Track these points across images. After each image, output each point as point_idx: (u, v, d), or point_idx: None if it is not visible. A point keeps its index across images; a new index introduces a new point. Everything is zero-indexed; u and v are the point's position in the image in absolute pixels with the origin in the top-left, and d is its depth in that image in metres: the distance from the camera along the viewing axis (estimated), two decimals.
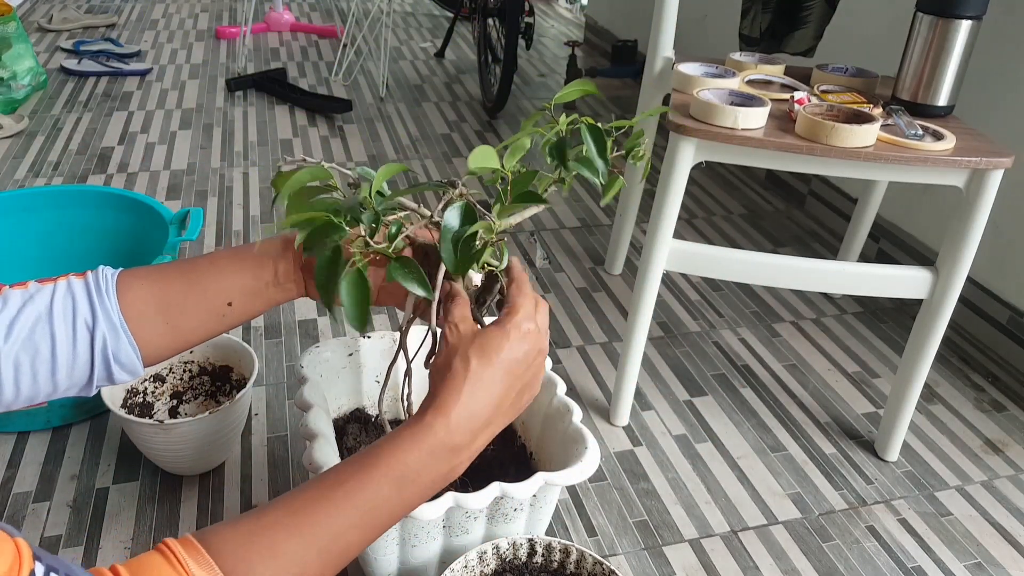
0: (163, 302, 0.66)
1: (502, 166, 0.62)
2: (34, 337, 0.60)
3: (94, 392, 0.65)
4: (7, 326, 0.59)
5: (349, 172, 0.63)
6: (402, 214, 0.63)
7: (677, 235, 1.09)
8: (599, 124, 0.66)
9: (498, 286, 0.66)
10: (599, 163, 0.65)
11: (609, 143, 0.68)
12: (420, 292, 0.58)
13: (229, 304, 0.67)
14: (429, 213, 0.64)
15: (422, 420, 0.57)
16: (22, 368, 0.60)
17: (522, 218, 0.65)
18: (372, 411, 1.03)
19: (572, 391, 1.31)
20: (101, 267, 0.66)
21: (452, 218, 0.59)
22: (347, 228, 0.57)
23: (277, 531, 0.53)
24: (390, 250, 0.60)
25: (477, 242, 0.60)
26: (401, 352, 0.68)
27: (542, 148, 0.65)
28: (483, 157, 0.61)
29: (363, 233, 0.58)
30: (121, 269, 0.66)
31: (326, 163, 0.60)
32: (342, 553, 0.55)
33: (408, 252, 0.66)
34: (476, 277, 0.66)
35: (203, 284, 0.67)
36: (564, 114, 0.65)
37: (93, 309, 0.63)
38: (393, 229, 0.61)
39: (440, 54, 3.07)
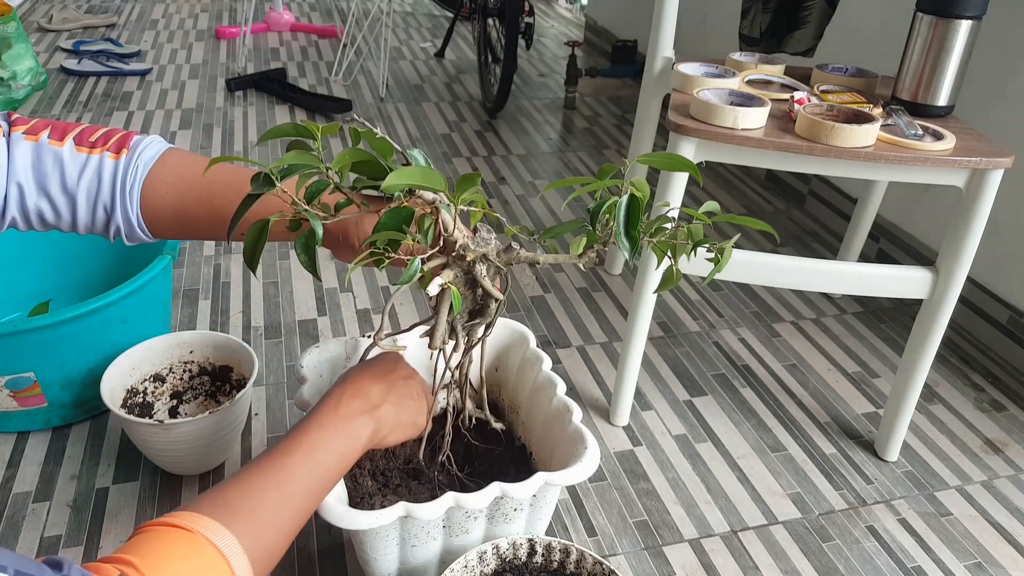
0: (182, 218, 0.71)
1: (448, 194, 0.62)
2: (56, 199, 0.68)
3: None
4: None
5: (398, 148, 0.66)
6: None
7: None
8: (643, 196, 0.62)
9: (493, 309, 0.73)
10: (624, 241, 0.63)
11: (655, 222, 0.64)
12: (308, 270, 0.64)
13: (242, 233, 0.71)
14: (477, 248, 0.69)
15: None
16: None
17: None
18: None
19: (572, 391, 1.31)
20: (136, 153, 0.69)
21: (387, 218, 0.63)
22: (278, 183, 0.60)
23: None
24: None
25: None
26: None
27: (594, 208, 0.63)
28: (408, 176, 0.59)
29: (294, 197, 0.63)
30: (151, 169, 0.70)
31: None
32: (269, 532, 0.61)
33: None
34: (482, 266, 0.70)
35: (222, 213, 0.71)
36: (626, 187, 0.62)
37: (114, 200, 0.68)
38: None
39: (440, 54, 3.07)
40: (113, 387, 1.06)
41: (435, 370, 0.82)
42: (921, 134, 1.01)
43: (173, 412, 1.14)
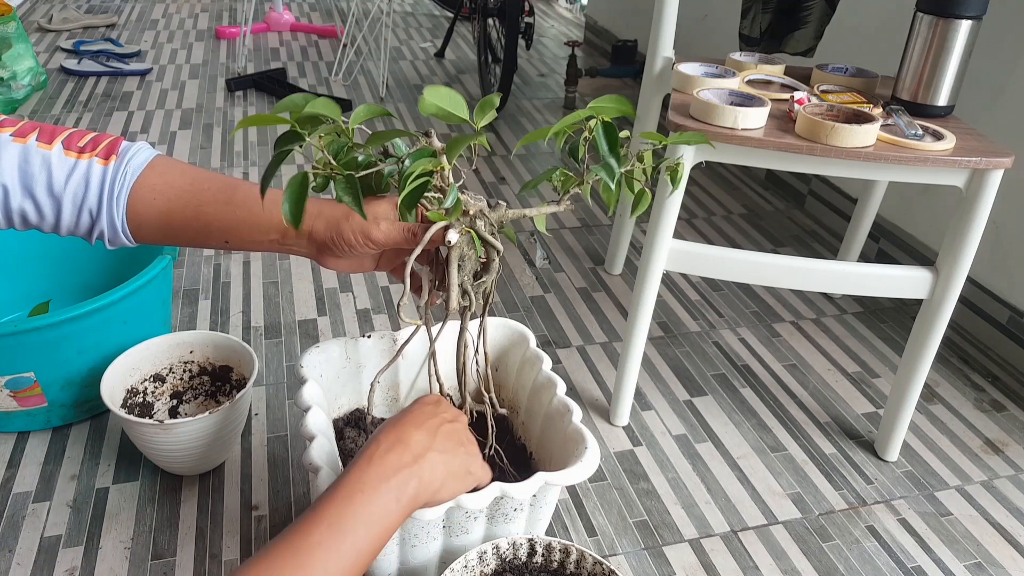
0: (167, 224, 0.71)
1: (470, 119, 0.66)
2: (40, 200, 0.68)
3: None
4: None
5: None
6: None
7: (677, 235, 1.09)
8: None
9: (495, 266, 0.75)
10: (610, 160, 0.68)
11: (625, 149, 0.70)
12: (354, 208, 0.65)
13: (226, 242, 0.73)
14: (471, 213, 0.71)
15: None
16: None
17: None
18: (372, 411, 1.03)
19: (572, 391, 1.31)
20: (126, 159, 0.70)
21: (415, 156, 0.66)
22: (307, 138, 0.61)
23: None
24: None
25: (433, 181, 0.68)
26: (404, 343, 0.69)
27: (559, 148, 0.70)
28: (440, 96, 0.64)
29: (323, 150, 0.65)
30: (139, 175, 0.70)
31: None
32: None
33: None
34: (453, 235, 0.72)
35: (208, 221, 0.71)
36: (594, 118, 0.68)
37: (100, 205, 0.68)
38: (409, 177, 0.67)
39: (440, 54, 3.07)
40: (113, 387, 1.06)
41: (431, 352, 0.82)
42: (921, 134, 1.01)
43: (173, 412, 1.14)
